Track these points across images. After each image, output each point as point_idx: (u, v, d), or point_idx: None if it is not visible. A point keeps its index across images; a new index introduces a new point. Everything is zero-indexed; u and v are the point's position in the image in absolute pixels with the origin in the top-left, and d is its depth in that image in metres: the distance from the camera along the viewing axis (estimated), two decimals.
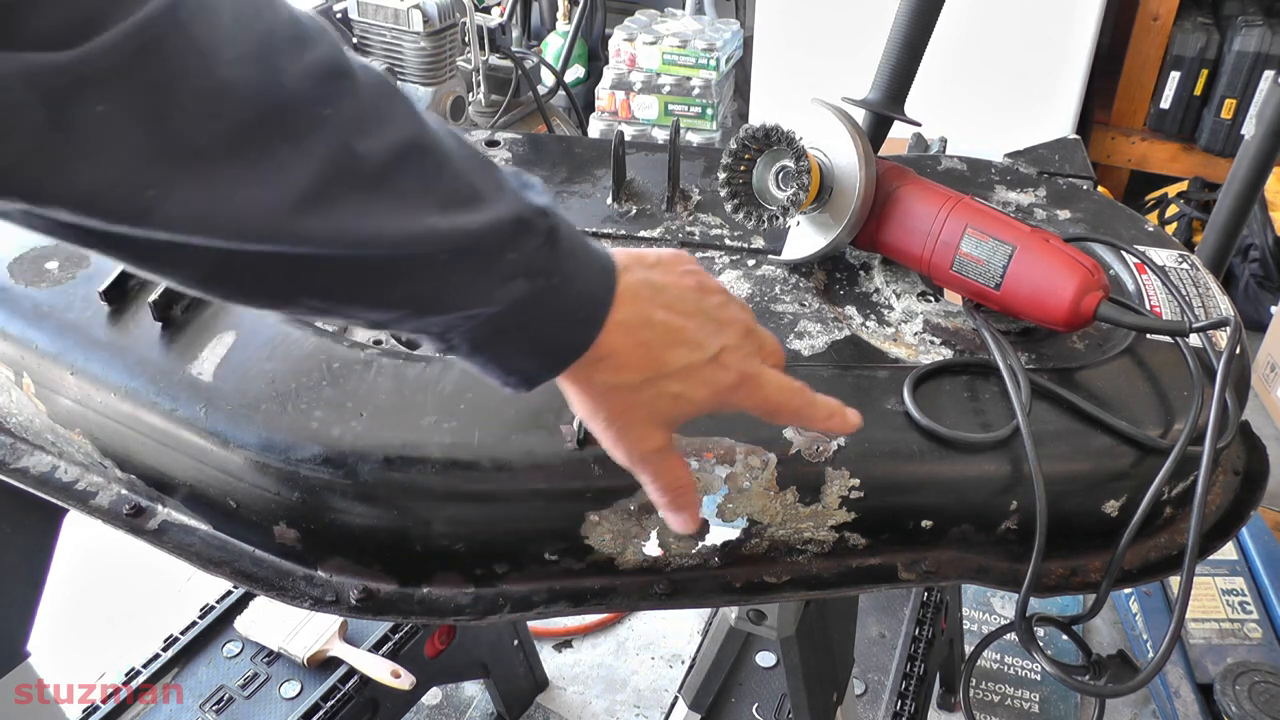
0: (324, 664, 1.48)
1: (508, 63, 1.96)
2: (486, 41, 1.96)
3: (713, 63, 3.07)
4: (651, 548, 0.72)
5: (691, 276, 0.63)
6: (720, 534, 0.72)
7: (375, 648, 1.49)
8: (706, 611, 1.71)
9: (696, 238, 0.96)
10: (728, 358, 0.61)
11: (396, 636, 1.51)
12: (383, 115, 0.49)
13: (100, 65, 0.40)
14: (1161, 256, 0.91)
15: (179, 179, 0.43)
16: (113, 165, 0.42)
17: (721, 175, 0.86)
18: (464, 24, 1.90)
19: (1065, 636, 0.84)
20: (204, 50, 0.43)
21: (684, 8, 3.43)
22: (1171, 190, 3.02)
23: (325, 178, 0.46)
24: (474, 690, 1.86)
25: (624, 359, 0.58)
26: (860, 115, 0.93)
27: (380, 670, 1.44)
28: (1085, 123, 2.92)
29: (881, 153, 0.93)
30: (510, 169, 0.56)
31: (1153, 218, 2.81)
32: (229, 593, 1.60)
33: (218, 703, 1.44)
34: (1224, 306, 0.86)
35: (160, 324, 0.78)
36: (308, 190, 0.46)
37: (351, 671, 1.46)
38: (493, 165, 0.55)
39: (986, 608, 2.05)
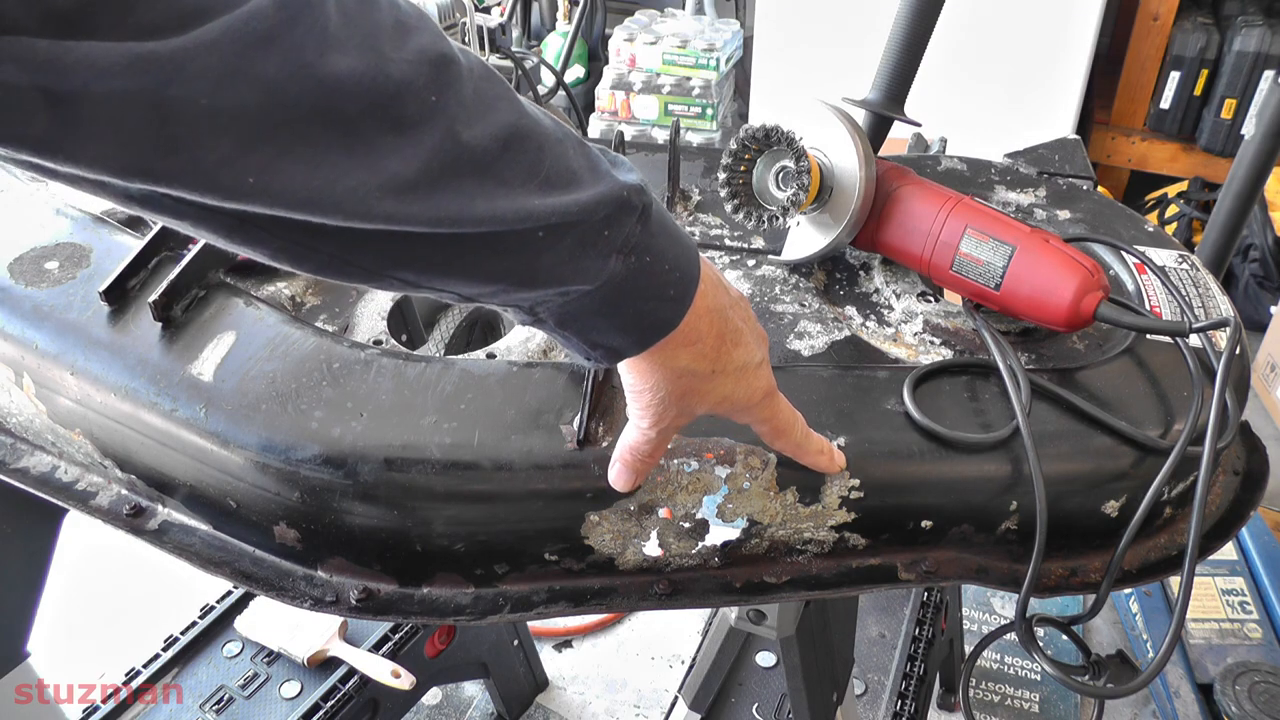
0: (324, 664, 1.48)
1: (508, 63, 1.96)
2: (486, 41, 1.96)
3: (713, 63, 3.07)
4: (651, 548, 0.72)
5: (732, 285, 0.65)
6: (720, 534, 0.72)
7: (375, 648, 1.49)
8: (706, 611, 1.71)
9: (696, 238, 0.96)
10: (764, 370, 0.64)
11: (396, 636, 1.51)
12: (486, 102, 0.49)
13: (204, 59, 0.40)
14: (1161, 256, 0.91)
15: (283, 166, 0.43)
16: (214, 152, 0.41)
17: (721, 175, 0.86)
18: (464, 24, 1.90)
19: (1065, 636, 0.84)
20: (310, 44, 0.42)
21: (684, 8, 3.43)
22: (1171, 190, 3.02)
23: (431, 165, 0.46)
24: (474, 690, 1.86)
25: (704, 347, 0.59)
26: (860, 115, 0.93)
27: (380, 670, 1.44)
28: (1085, 123, 2.92)
29: (881, 153, 0.93)
30: (600, 147, 0.56)
31: (1153, 218, 2.81)
32: (229, 593, 1.60)
33: (218, 703, 1.44)
34: (1224, 306, 0.86)
35: (160, 324, 0.78)
36: (414, 177, 0.46)
37: (351, 671, 1.46)
38: (586, 145, 0.54)
39: (986, 608, 2.05)
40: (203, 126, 0.41)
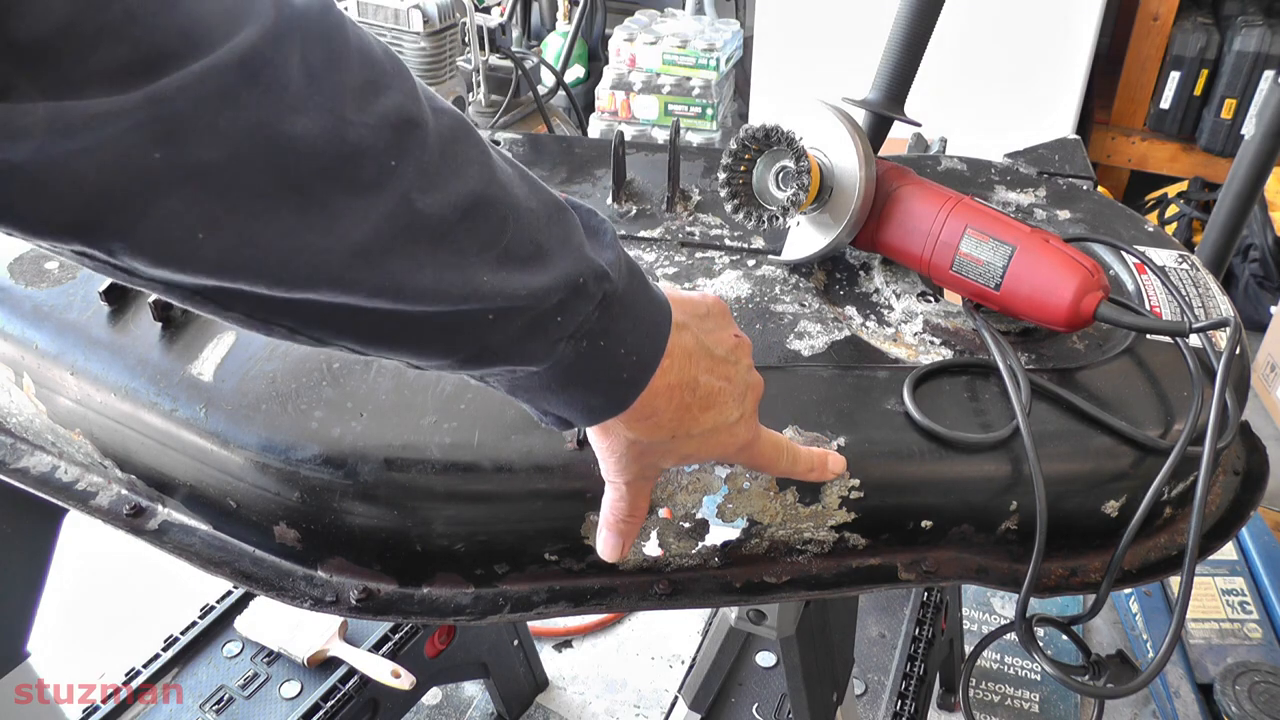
0: (324, 664, 1.48)
1: (508, 63, 1.96)
2: (486, 41, 1.96)
3: (713, 63, 3.07)
4: (651, 548, 0.72)
5: (732, 331, 0.63)
6: (720, 534, 0.72)
7: (375, 648, 1.49)
8: (706, 611, 1.71)
9: (696, 238, 0.96)
10: (742, 425, 0.62)
11: (396, 636, 1.51)
12: (451, 167, 0.47)
13: (157, 113, 0.38)
14: (1161, 256, 0.91)
15: (232, 226, 0.41)
16: (164, 212, 0.40)
17: (721, 175, 0.86)
18: (464, 24, 1.90)
19: (1065, 636, 0.84)
20: (268, 104, 0.41)
21: (684, 8, 3.43)
22: (1171, 190, 3.02)
23: (383, 232, 0.44)
24: (474, 690, 1.86)
25: (661, 420, 0.58)
26: (860, 115, 0.93)
27: (380, 670, 1.44)
28: (1085, 123, 2.92)
29: (881, 153, 0.93)
30: (585, 211, 0.54)
31: (1153, 218, 2.81)
32: (229, 593, 1.59)
33: (218, 703, 1.44)
34: (1224, 306, 0.86)
35: (160, 324, 0.78)
36: (363, 243, 0.44)
37: (351, 671, 1.46)
38: (564, 212, 0.53)
39: (986, 608, 2.05)
40: (152, 184, 0.39)
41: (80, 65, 0.37)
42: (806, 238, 0.89)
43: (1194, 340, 0.80)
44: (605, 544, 0.66)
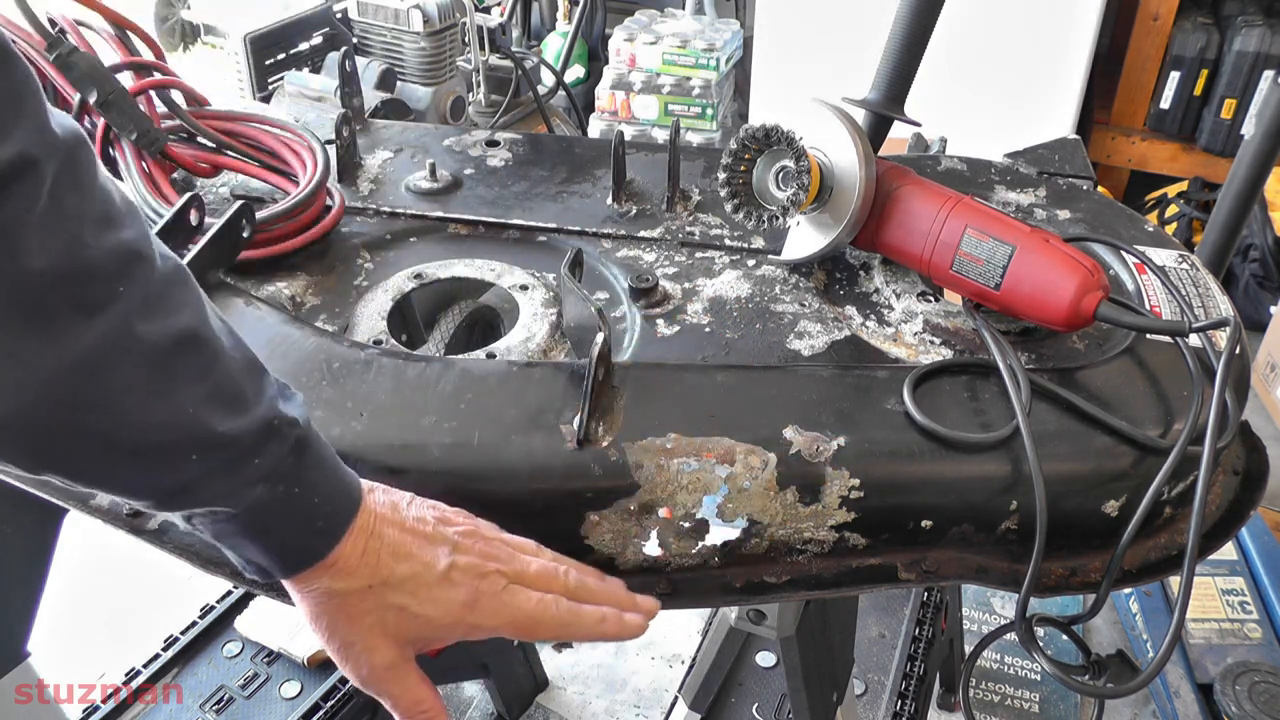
0: (324, 664, 1.48)
1: (508, 63, 1.96)
2: (486, 41, 1.96)
3: (713, 63, 3.07)
4: (651, 548, 0.72)
5: (436, 510, 0.64)
6: (720, 534, 0.72)
7: None
8: (706, 611, 1.71)
9: (696, 238, 0.96)
10: (458, 575, 0.62)
11: None
12: (171, 303, 0.51)
13: None
14: (1161, 256, 0.91)
15: None
16: None
17: (721, 175, 0.86)
18: (464, 24, 1.90)
19: (1065, 636, 0.84)
20: (15, 215, 0.43)
21: (684, 8, 3.43)
22: (1171, 190, 3.02)
23: (103, 349, 0.47)
24: (474, 690, 1.86)
25: (347, 564, 0.59)
26: (860, 115, 0.93)
27: None
28: (1085, 123, 2.92)
29: (881, 153, 0.93)
30: (277, 380, 0.58)
31: (1153, 218, 2.81)
32: (229, 593, 1.59)
33: (218, 703, 1.44)
34: (1224, 306, 0.86)
35: None
36: (83, 358, 0.47)
37: None
38: (261, 371, 0.56)
39: (986, 608, 2.05)
40: None
41: None
42: (806, 238, 0.89)
43: (1194, 340, 0.80)
44: None
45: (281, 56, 1.93)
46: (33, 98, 0.45)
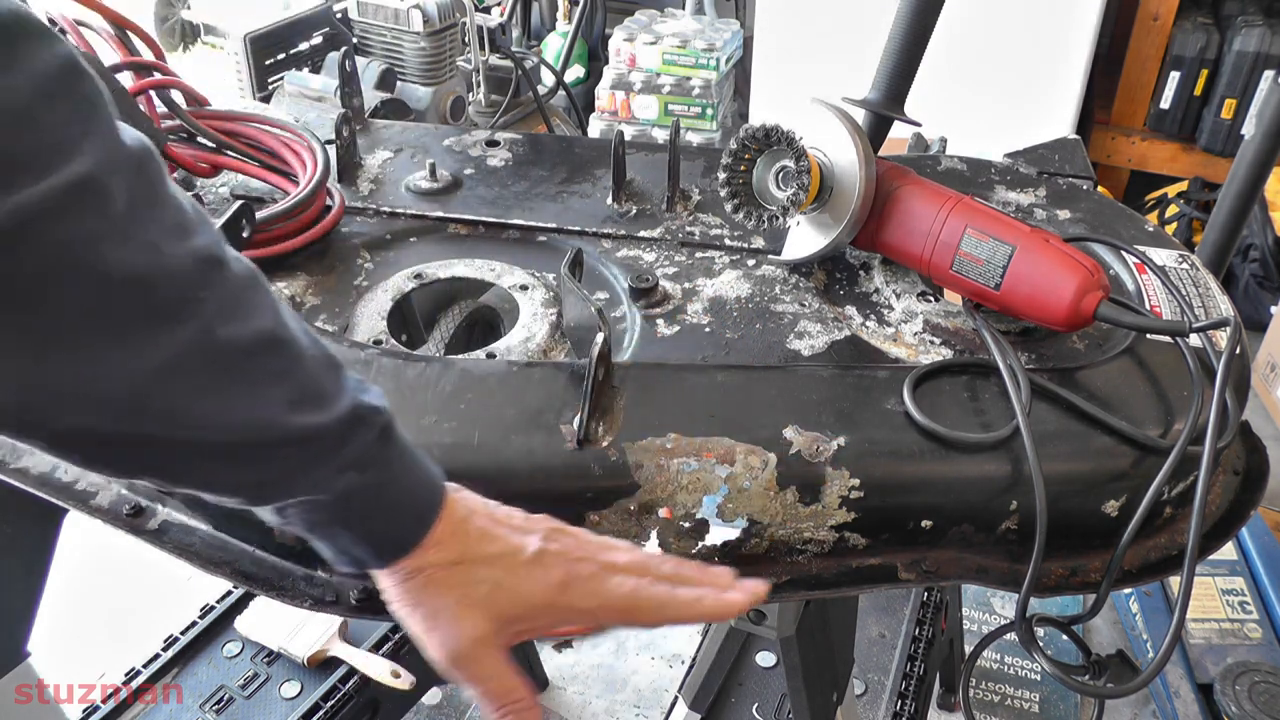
0: (324, 664, 1.48)
1: (508, 63, 1.96)
2: (486, 41, 1.96)
3: (713, 63, 3.07)
4: (651, 548, 0.72)
5: (522, 511, 0.64)
6: (720, 534, 0.72)
7: (375, 648, 1.48)
8: None
9: (696, 238, 0.96)
10: (550, 559, 0.61)
11: (396, 636, 1.51)
12: (248, 306, 0.52)
13: None
14: (1161, 256, 0.91)
15: (48, 354, 0.44)
16: None
17: (721, 175, 0.86)
18: (464, 24, 1.90)
19: (1065, 636, 0.84)
20: (91, 240, 0.44)
21: (684, 8, 3.43)
22: (1171, 190, 3.02)
23: (185, 356, 0.48)
24: None
25: (439, 543, 0.59)
26: (860, 115, 0.93)
27: (380, 670, 1.44)
28: (1085, 123, 2.92)
29: (881, 153, 0.93)
30: (354, 375, 0.58)
31: (1153, 218, 2.81)
32: (229, 593, 1.59)
33: (218, 703, 1.44)
34: (1224, 306, 0.86)
35: None
36: (167, 365, 0.48)
37: (351, 671, 1.46)
38: (339, 367, 0.57)
39: (986, 608, 2.05)
40: None
41: None
42: (806, 237, 0.89)
43: (1194, 340, 0.80)
44: None
45: (281, 56, 1.93)
46: (103, 112, 0.46)
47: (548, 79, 2.08)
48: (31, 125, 0.42)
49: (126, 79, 0.93)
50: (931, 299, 0.87)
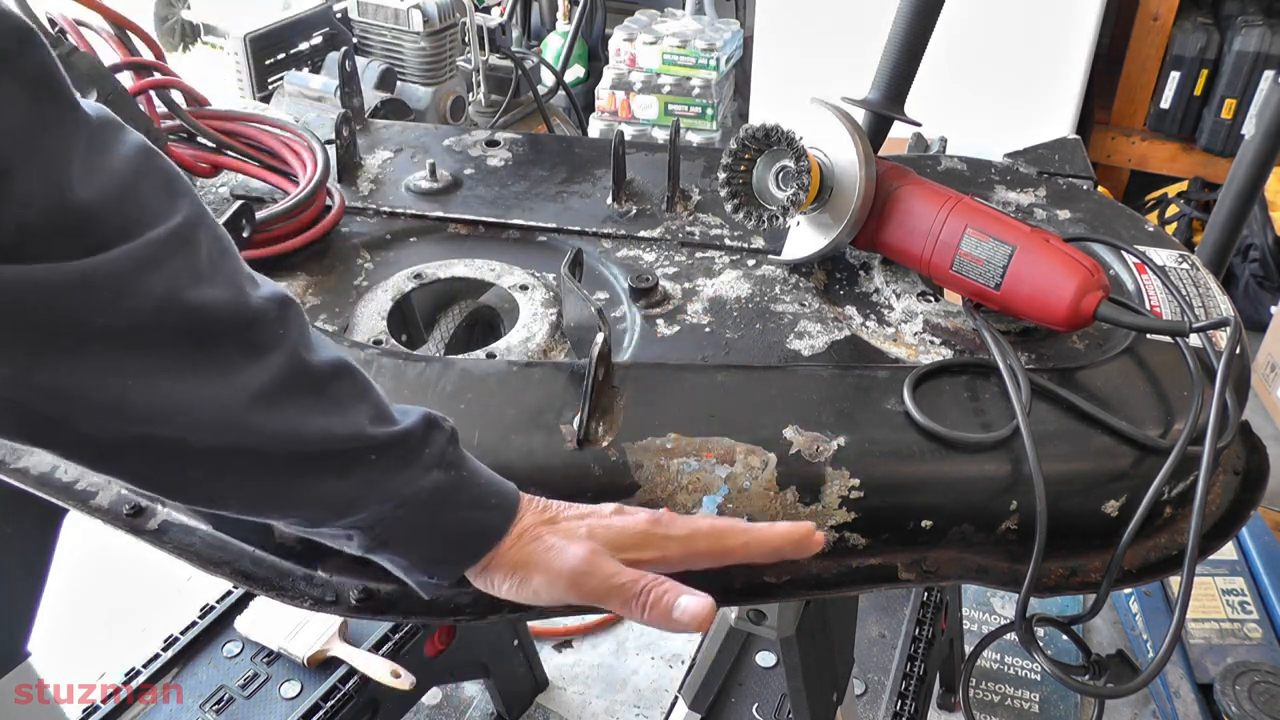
0: (324, 664, 1.48)
1: (508, 63, 1.96)
2: (486, 41, 1.96)
3: (713, 63, 3.07)
4: None
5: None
6: None
7: (375, 648, 1.49)
8: None
9: (696, 238, 0.96)
10: (631, 510, 0.65)
11: (396, 636, 1.51)
12: (320, 340, 0.59)
13: (102, 278, 0.48)
14: (1161, 256, 0.91)
15: (152, 380, 0.50)
16: (91, 368, 0.48)
17: (721, 175, 0.86)
18: (464, 24, 1.90)
19: (1065, 636, 0.84)
20: (186, 272, 0.52)
21: (684, 8, 3.43)
22: (1171, 190, 3.02)
23: (279, 381, 0.55)
24: (474, 690, 1.86)
25: (526, 509, 0.64)
26: (860, 115, 0.93)
27: (380, 670, 1.44)
28: (1085, 123, 2.92)
29: (881, 153, 0.93)
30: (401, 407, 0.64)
31: (1153, 218, 2.81)
32: (229, 593, 1.59)
33: (218, 703, 1.44)
34: (1224, 306, 0.86)
35: None
36: (262, 390, 0.54)
37: (351, 671, 1.46)
38: (383, 401, 0.62)
39: (986, 608, 2.05)
40: (84, 339, 0.48)
41: (28, 241, 0.47)
42: (806, 237, 0.89)
43: (1194, 340, 0.80)
44: (687, 623, 0.61)
45: (281, 56, 1.92)
46: (181, 180, 0.55)
47: (548, 79, 2.08)
48: (134, 197, 0.51)
49: (126, 79, 0.93)
50: (931, 299, 0.87)
